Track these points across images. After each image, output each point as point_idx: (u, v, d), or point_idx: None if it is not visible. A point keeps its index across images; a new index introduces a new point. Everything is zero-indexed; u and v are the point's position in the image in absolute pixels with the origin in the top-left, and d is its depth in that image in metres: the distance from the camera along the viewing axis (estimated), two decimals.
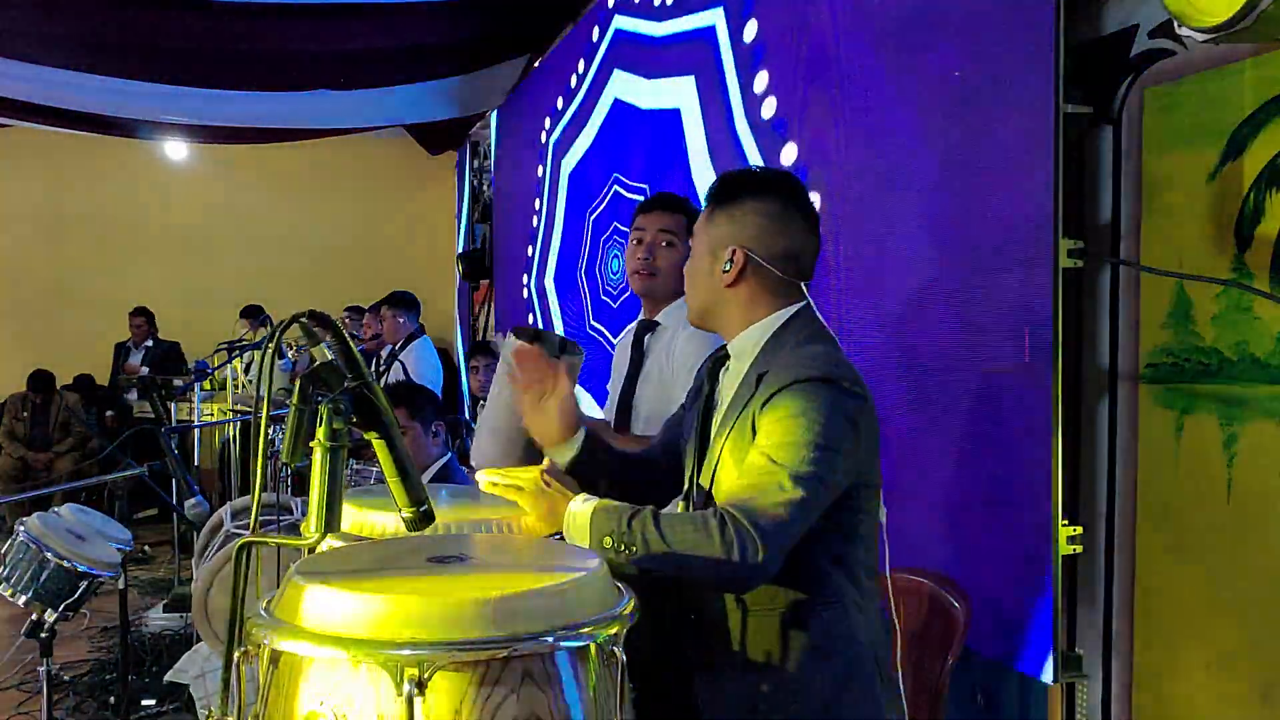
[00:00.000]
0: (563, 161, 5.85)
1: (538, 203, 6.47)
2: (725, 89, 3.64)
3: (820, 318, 1.69)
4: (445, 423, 3.30)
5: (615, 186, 4.86)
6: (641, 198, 4.37)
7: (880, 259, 2.64)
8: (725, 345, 1.74)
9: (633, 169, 4.64)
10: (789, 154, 3.17)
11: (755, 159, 3.39)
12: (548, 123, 6.17)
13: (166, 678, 2.87)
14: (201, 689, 2.75)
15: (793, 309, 1.67)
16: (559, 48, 5.78)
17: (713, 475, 1.64)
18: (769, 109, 3.32)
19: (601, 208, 5.07)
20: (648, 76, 4.45)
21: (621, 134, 4.82)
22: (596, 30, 5.12)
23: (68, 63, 5.56)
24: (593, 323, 5.10)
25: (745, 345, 1.68)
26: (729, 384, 1.70)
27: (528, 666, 1.09)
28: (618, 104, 4.85)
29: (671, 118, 4.11)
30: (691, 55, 3.94)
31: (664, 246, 2.41)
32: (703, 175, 3.82)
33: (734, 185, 1.72)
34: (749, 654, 1.60)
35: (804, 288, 1.69)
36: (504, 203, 7.47)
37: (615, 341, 2.77)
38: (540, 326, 6.53)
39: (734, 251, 1.66)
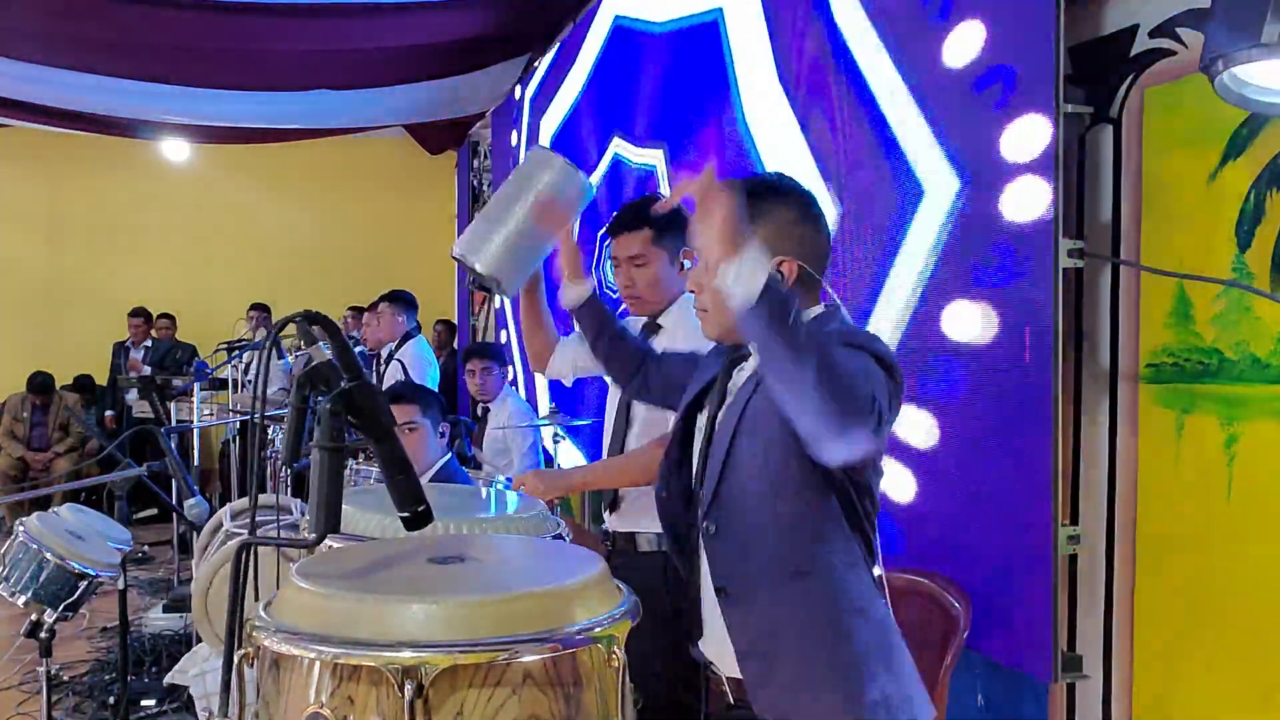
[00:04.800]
0: (542, 120, 4.43)
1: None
2: None
3: (849, 315, 1.63)
4: (449, 423, 3.29)
5: (616, 150, 3.62)
6: (656, 165, 3.45)
7: (883, 257, 2.63)
8: (745, 345, 1.64)
9: (641, 121, 3.37)
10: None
11: (877, 69, 2.42)
12: (522, 73, 4.63)
13: (166, 680, 2.87)
14: (201, 688, 2.75)
15: (818, 309, 1.60)
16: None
17: (723, 466, 1.56)
18: None
19: (597, 184, 3.86)
20: None
21: (625, 71, 3.48)
22: None
23: (68, 63, 5.56)
24: None
25: None
26: (741, 380, 1.63)
27: (528, 667, 1.09)
28: (619, 28, 3.49)
29: (705, 33, 2.84)
30: None
31: (637, 268, 2.34)
32: (764, 113, 2.59)
33: (753, 193, 1.58)
34: (782, 574, 1.51)
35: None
36: None
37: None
38: (503, 344, 5.74)
39: (782, 263, 1.55)
